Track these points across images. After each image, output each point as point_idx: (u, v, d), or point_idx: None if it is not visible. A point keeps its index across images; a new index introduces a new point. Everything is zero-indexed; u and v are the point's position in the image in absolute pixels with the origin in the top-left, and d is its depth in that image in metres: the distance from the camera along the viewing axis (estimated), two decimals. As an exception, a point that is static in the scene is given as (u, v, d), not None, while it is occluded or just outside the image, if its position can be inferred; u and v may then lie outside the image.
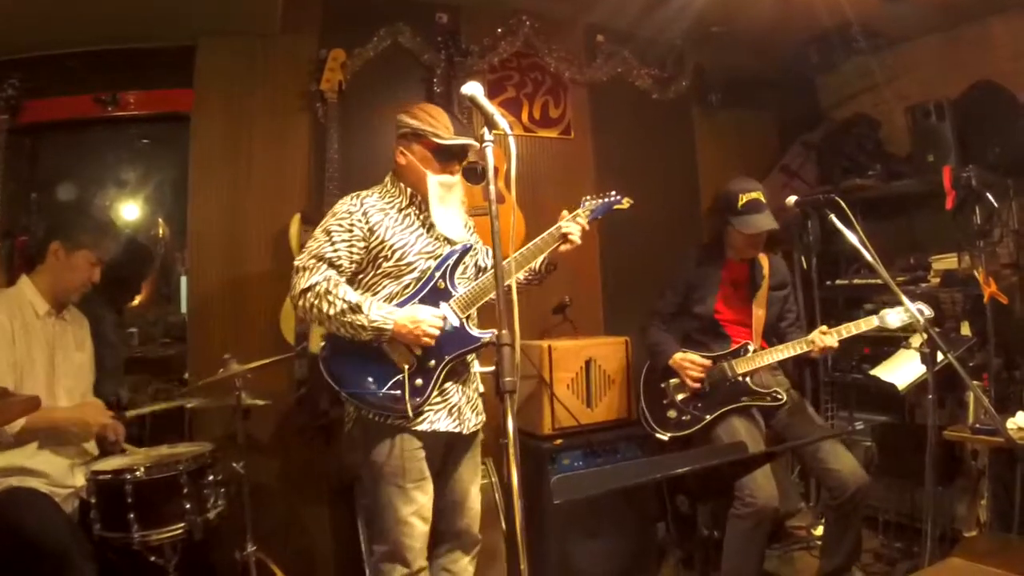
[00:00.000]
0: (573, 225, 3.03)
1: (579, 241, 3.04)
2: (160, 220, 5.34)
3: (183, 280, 4.39)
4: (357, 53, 4.34)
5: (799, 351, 3.65)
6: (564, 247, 3.03)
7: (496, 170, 2.32)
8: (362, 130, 4.35)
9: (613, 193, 3.20)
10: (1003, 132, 4.70)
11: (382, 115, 4.42)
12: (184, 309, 4.38)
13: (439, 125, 2.89)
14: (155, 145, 4.96)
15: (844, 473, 3.63)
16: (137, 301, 5.11)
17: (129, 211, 5.31)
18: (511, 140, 2.25)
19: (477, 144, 2.32)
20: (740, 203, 3.72)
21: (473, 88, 2.31)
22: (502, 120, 2.26)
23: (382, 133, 4.39)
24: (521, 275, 3.12)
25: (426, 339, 2.79)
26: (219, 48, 4.18)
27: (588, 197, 3.19)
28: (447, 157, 2.93)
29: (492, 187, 2.21)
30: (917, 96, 5.01)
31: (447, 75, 4.47)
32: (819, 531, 4.74)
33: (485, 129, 2.25)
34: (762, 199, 3.73)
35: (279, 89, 4.25)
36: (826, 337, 3.57)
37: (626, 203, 3.23)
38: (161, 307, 5.18)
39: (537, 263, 3.11)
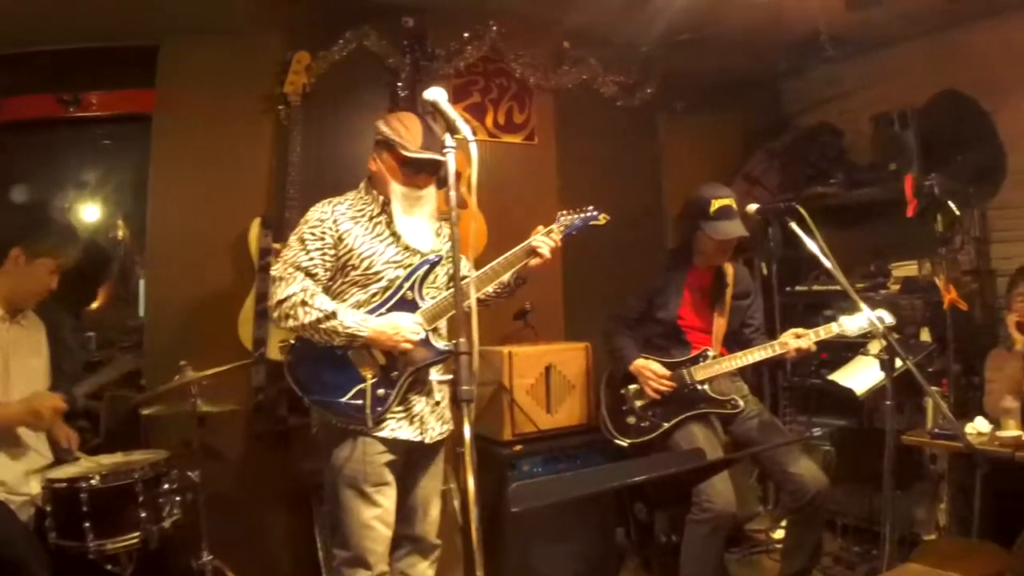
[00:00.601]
0: (544, 240, 3.03)
1: (548, 256, 3.03)
2: (120, 222, 5.27)
3: (142, 283, 4.32)
4: (322, 56, 4.31)
5: (772, 354, 3.65)
6: (534, 261, 3.03)
7: (459, 175, 2.32)
8: (325, 134, 4.32)
9: (591, 209, 3.19)
10: (967, 141, 4.79)
11: (346, 119, 4.43)
12: (143, 313, 4.32)
13: (407, 137, 2.87)
14: (116, 146, 4.89)
15: (804, 477, 3.65)
16: (95, 305, 5.03)
17: (89, 213, 5.23)
18: (473, 145, 2.24)
19: (442, 159, 2.29)
20: (712, 209, 3.71)
21: (436, 93, 2.31)
22: (464, 126, 2.26)
23: (345, 137, 4.40)
24: (491, 288, 3.11)
25: (405, 345, 2.80)
26: (183, 48, 4.13)
27: (564, 212, 3.17)
28: (413, 169, 2.90)
29: (453, 192, 2.21)
30: (882, 105, 5.07)
31: (412, 79, 4.45)
32: (778, 535, 4.78)
33: (447, 134, 2.25)
34: (734, 206, 3.73)
35: (242, 91, 4.20)
36: (802, 340, 3.58)
37: (603, 219, 3.21)
38: (120, 311, 5.11)
39: (506, 277, 3.10)
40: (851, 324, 3.47)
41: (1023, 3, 4.55)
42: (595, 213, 3.19)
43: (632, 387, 3.89)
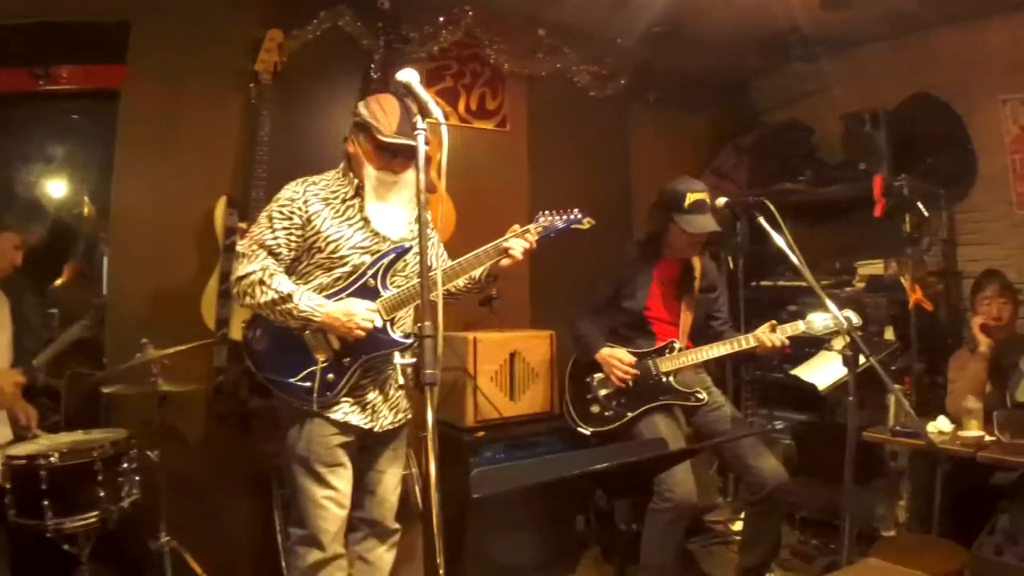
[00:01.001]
0: (518, 242, 2.96)
1: (520, 258, 2.96)
2: (86, 199, 5.19)
3: (106, 261, 4.26)
4: (295, 35, 4.25)
5: (738, 348, 3.68)
6: (504, 262, 2.97)
7: (428, 159, 2.29)
8: (295, 114, 4.28)
9: (575, 211, 3.08)
10: (938, 143, 4.84)
11: (316, 99, 4.40)
12: (106, 291, 4.26)
13: (383, 120, 2.81)
14: (85, 121, 4.81)
15: (763, 470, 3.70)
16: (60, 282, 4.96)
17: (55, 188, 5.15)
18: (444, 130, 2.22)
19: (415, 144, 2.22)
20: (687, 202, 3.71)
21: (408, 75, 2.29)
22: (436, 109, 2.23)
23: (315, 118, 4.37)
24: (461, 282, 3.08)
25: (358, 332, 2.77)
26: (155, 24, 4.03)
27: (544, 212, 3.06)
28: (388, 154, 2.85)
29: (422, 175, 2.19)
30: (852, 104, 5.11)
31: (385, 61, 4.40)
32: (737, 526, 4.83)
33: (419, 117, 2.22)
34: (708, 201, 3.73)
35: (214, 68, 4.13)
36: (774, 336, 3.60)
37: (587, 223, 3.10)
38: (83, 288, 5.04)
39: (477, 273, 3.07)
40: (818, 322, 3.50)
41: (996, 9, 4.61)
42: (579, 216, 3.08)
43: (597, 376, 3.90)
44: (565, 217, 3.06)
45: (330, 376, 2.84)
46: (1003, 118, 4.70)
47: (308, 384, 2.83)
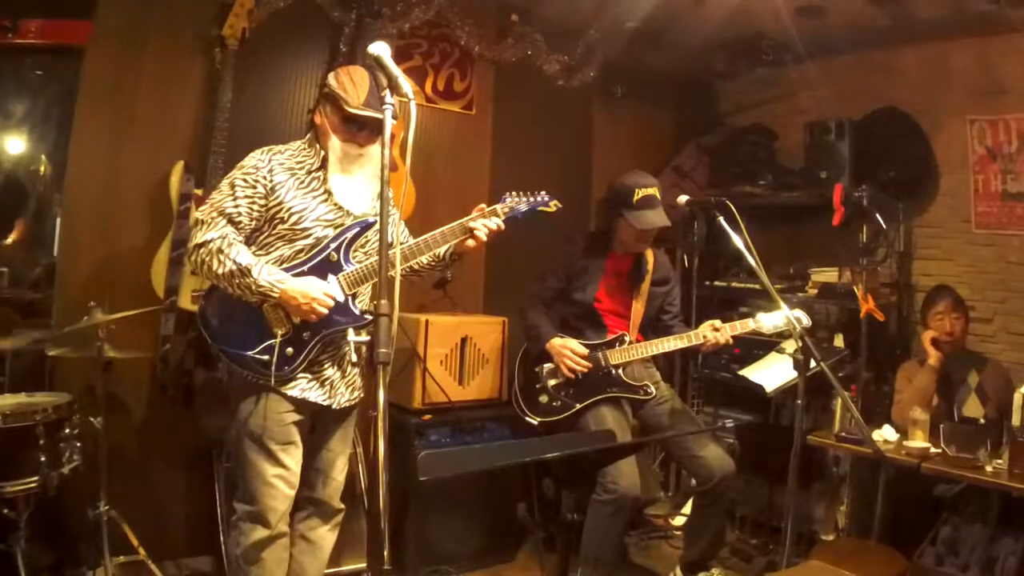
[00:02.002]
0: (484, 221, 2.94)
1: (484, 239, 2.94)
2: (43, 157, 5.07)
3: (58, 223, 4.17)
4: (266, 2, 4.14)
5: (688, 344, 3.70)
6: (469, 243, 2.95)
7: (392, 136, 2.26)
8: (258, 82, 4.22)
9: (543, 194, 3.07)
10: (900, 157, 4.90)
11: (281, 69, 4.34)
12: (56, 252, 4.17)
13: (351, 93, 2.76)
14: (46, 77, 4.70)
15: (710, 460, 3.74)
16: (10, 240, 4.85)
17: (12, 145, 5.03)
18: (412, 106, 2.18)
19: (382, 116, 2.19)
20: (635, 198, 3.72)
21: (380, 48, 2.24)
22: (406, 84, 2.20)
23: (278, 87, 4.32)
24: (425, 259, 3.04)
25: (313, 316, 2.74)
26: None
27: (511, 193, 3.04)
28: (355, 127, 2.81)
29: (386, 150, 2.16)
30: (817, 113, 5.16)
31: (354, 36, 4.36)
32: (677, 521, 4.88)
33: (387, 91, 2.20)
34: (657, 195, 3.75)
35: (179, 30, 4.04)
36: (719, 333, 3.63)
37: (554, 206, 3.10)
38: (34, 249, 4.93)
39: (442, 251, 3.05)
40: (768, 321, 3.54)
41: (964, 32, 4.67)
42: (546, 199, 3.07)
43: (547, 366, 3.90)
44: (531, 199, 3.06)
45: (289, 350, 2.79)
46: (969, 138, 4.77)
47: (266, 357, 2.77)
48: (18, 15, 3.89)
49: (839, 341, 4.65)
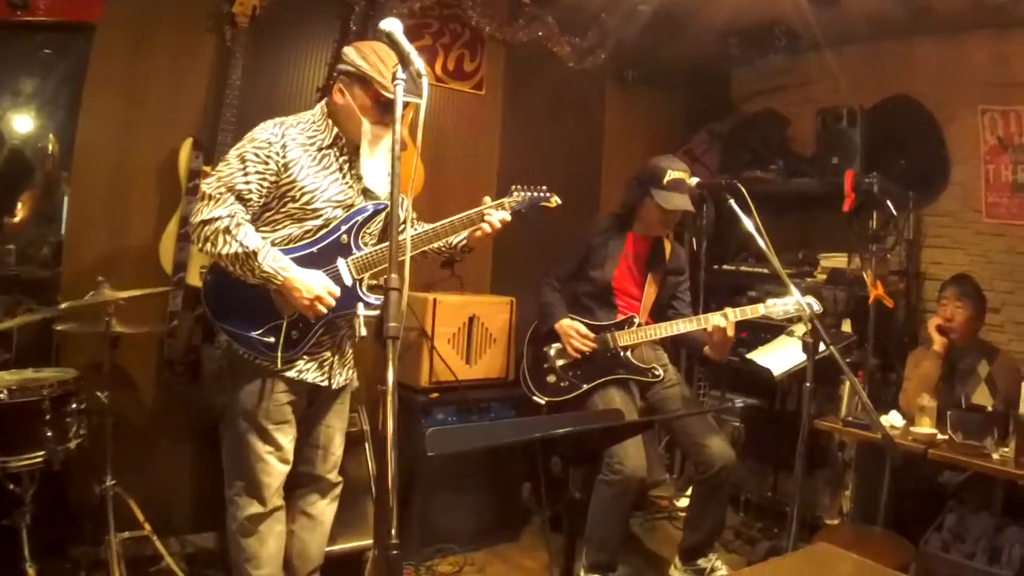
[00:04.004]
0: (495, 213, 2.95)
1: (490, 231, 2.96)
2: (51, 136, 5.07)
3: (66, 201, 4.17)
4: (277, -19, 4.16)
5: (696, 326, 3.67)
6: (477, 233, 2.97)
7: (402, 117, 2.24)
8: (269, 60, 4.20)
9: (543, 188, 3.09)
10: (913, 145, 4.88)
11: (292, 47, 4.33)
12: (64, 231, 4.17)
13: (388, 76, 2.54)
14: (58, 56, 4.69)
15: (712, 449, 3.75)
16: (18, 218, 4.85)
17: (21, 123, 5.03)
18: (424, 84, 2.15)
19: (420, 101, 2.13)
20: (666, 179, 3.72)
21: (392, 24, 2.19)
22: (419, 61, 2.15)
23: (288, 65, 4.31)
24: (435, 245, 3.05)
25: (311, 313, 2.71)
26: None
27: (516, 187, 3.07)
28: (388, 109, 2.69)
29: (398, 126, 2.12)
30: (829, 101, 5.14)
31: (365, 14, 4.33)
32: (681, 503, 4.89)
33: (398, 67, 2.16)
34: (687, 181, 3.74)
35: (189, 6, 4.02)
36: (724, 319, 3.56)
37: (554, 202, 3.12)
38: (42, 227, 4.93)
39: (454, 240, 3.05)
40: (779, 306, 3.52)
41: (979, 24, 4.64)
42: (547, 194, 3.09)
43: (555, 346, 3.92)
44: (533, 194, 3.07)
45: (294, 333, 2.78)
46: (980, 128, 4.74)
47: (271, 339, 2.75)
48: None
49: (847, 327, 4.64)
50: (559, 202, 3.12)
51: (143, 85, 3.94)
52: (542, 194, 3.08)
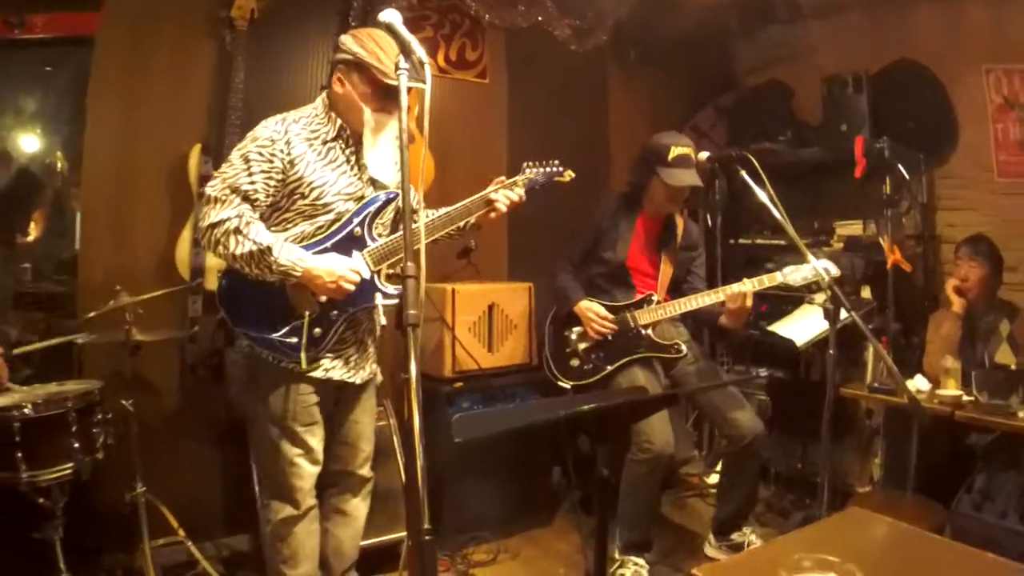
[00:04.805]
0: (506, 193, 2.96)
1: (504, 210, 2.96)
2: (59, 153, 5.10)
3: (78, 216, 4.19)
4: (273, -19, 4.15)
5: (715, 299, 3.65)
6: (492, 214, 2.97)
7: (408, 109, 2.23)
8: (270, 61, 4.20)
9: (556, 163, 3.10)
10: (920, 108, 4.84)
11: (293, 47, 4.33)
12: (78, 245, 4.20)
13: (387, 62, 2.61)
14: (58, 72, 4.71)
15: (741, 422, 3.73)
16: (32, 237, 4.88)
17: (27, 142, 5.06)
18: (427, 71, 2.14)
19: (424, 86, 2.09)
20: (670, 156, 3.69)
21: (391, 15, 2.17)
22: (420, 49, 2.12)
23: (290, 65, 4.31)
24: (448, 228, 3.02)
25: (339, 294, 2.69)
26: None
27: (529, 164, 3.07)
28: (389, 95, 2.68)
29: (403, 116, 2.09)
30: (833, 69, 5.10)
31: (364, 10, 4.31)
32: (711, 479, 4.88)
33: (400, 58, 2.14)
34: (692, 156, 3.71)
35: (188, 14, 4.04)
36: (743, 286, 3.55)
37: (567, 176, 3.13)
38: (54, 242, 4.97)
39: (462, 222, 3.03)
40: (795, 274, 3.50)
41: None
42: (559, 169, 3.11)
43: (576, 329, 3.91)
44: (546, 170, 3.08)
45: (316, 330, 2.74)
46: (986, 88, 4.70)
47: (294, 340, 2.72)
48: (25, 10, 3.90)
49: (866, 293, 4.62)
50: (572, 176, 3.14)
51: (145, 94, 3.96)
52: (555, 169, 3.10)
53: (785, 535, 2.61)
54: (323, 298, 2.73)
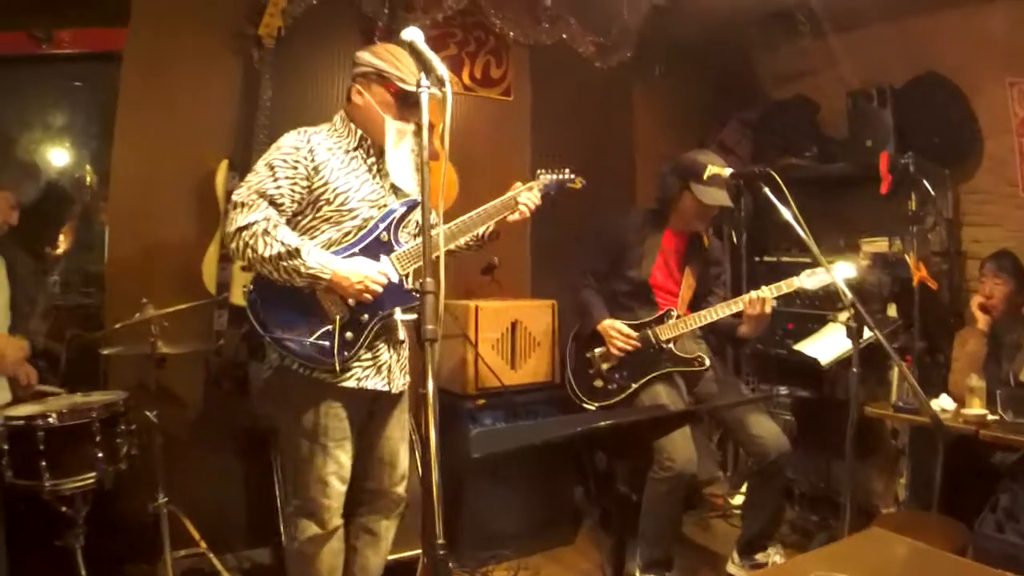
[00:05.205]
0: (528, 196, 3.00)
1: (528, 214, 3.01)
2: (88, 167, 5.17)
3: (107, 229, 4.25)
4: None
5: (730, 311, 3.65)
6: (512, 217, 3.00)
7: (432, 126, 2.25)
8: (297, 78, 4.26)
9: (567, 171, 3.15)
10: (945, 123, 4.78)
11: (318, 65, 4.38)
12: (107, 258, 4.26)
13: (404, 70, 2.70)
14: (87, 87, 4.79)
15: (766, 439, 3.71)
16: (61, 249, 4.94)
17: (57, 156, 5.13)
18: (447, 89, 2.16)
19: (440, 94, 2.16)
20: (707, 174, 3.69)
21: (413, 33, 2.21)
22: (441, 66, 2.16)
23: (316, 83, 4.36)
24: (463, 240, 3.04)
25: (367, 296, 2.69)
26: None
27: (542, 171, 3.12)
28: (408, 104, 2.73)
29: (425, 132, 2.12)
30: (856, 83, 5.07)
31: (389, 29, 4.37)
32: (736, 500, 4.84)
33: (422, 75, 2.17)
34: (725, 176, 3.71)
35: (213, 31, 4.10)
36: (762, 292, 3.57)
37: (579, 183, 3.18)
38: (83, 256, 5.03)
39: (481, 230, 3.04)
40: (813, 278, 3.49)
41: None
42: (571, 176, 3.16)
43: (598, 350, 3.90)
44: (558, 177, 3.14)
45: (348, 335, 2.73)
46: (1010, 101, 4.65)
47: (326, 343, 2.70)
48: (52, 25, 3.97)
49: (892, 311, 4.57)
50: (584, 183, 3.19)
51: (172, 110, 4.03)
52: (566, 176, 3.16)
53: (803, 554, 2.59)
54: (351, 301, 2.74)
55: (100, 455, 3.05)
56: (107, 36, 4.09)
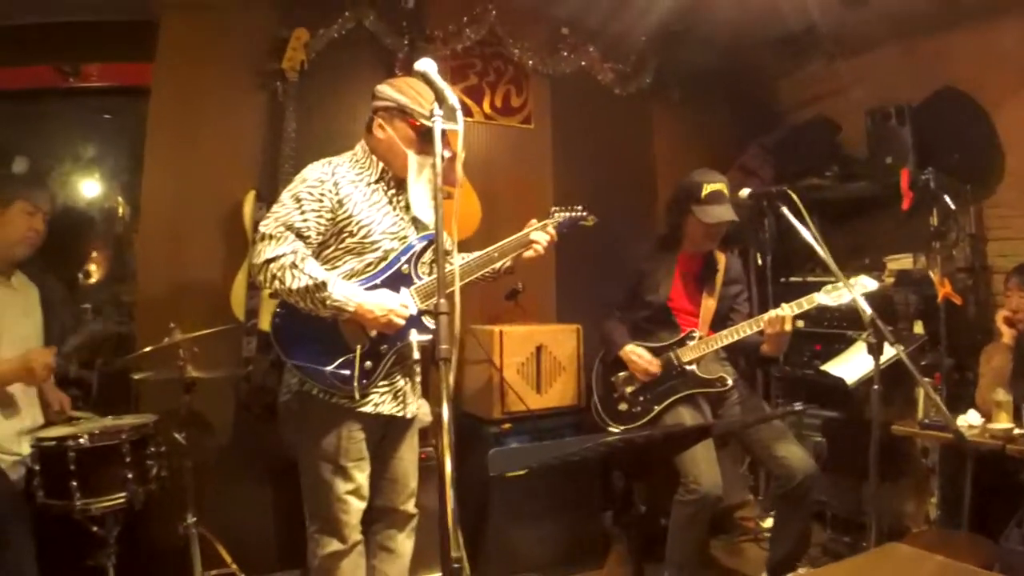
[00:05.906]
0: (543, 234, 3.08)
1: (542, 252, 3.09)
2: (119, 198, 5.29)
3: (138, 257, 4.35)
4: (320, 34, 4.31)
5: (751, 330, 3.65)
6: (527, 254, 3.08)
7: (453, 155, 2.32)
8: (320, 110, 4.34)
9: (579, 208, 3.23)
10: (964, 139, 4.77)
11: (341, 97, 4.45)
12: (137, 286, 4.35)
13: (426, 105, 2.60)
14: (115, 120, 4.90)
15: (792, 461, 3.66)
16: (93, 279, 5.05)
17: (88, 187, 5.25)
18: (460, 117, 2.23)
19: (459, 129, 2.25)
20: (703, 193, 3.73)
21: (426, 64, 2.29)
22: (452, 96, 2.23)
23: (339, 115, 4.42)
24: (479, 272, 3.11)
25: (391, 329, 2.76)
26: (182, 22, 4.12)
27: (556, 208, 3.21)
28: (431, 139, 2.65)
29: (438, 161, 2.19)
30: (875, 102, 5.07)
31: (409, 60, 4.43)
32: (767, 523, 4.79)
33: (435, 105, 2.24)
34: (725, 191, 3.75)
35: (238, 65, 4.22)
36: (781, 311, 3.55)
37: (591, 221, 3.26)
38: (115, 285, 5.14)
39: (498, 264, 3.11)
40: (832, 295, 3.50)
41: (1010, 9, 4.56)
42: (584, 214, 3.25)
43: (621, 374, 3.92)
44: (571, 215, 3.23)
45: (368, 364, 2.81)
46: (1029, 116, 4.65)
47: (346, 372, 2.77)
48: (79, 60, 4.09)
49: (919, 328, 4.54)
50: (596, 220, 3.27)
51: (199, 142, 4.13)
52: (579, 214, 3.24)
53: (820, 567, 2.58)
54: (374, 332, 2.81)
55: (130, 476, 3.13)
56: (134, 71, 4.21)
